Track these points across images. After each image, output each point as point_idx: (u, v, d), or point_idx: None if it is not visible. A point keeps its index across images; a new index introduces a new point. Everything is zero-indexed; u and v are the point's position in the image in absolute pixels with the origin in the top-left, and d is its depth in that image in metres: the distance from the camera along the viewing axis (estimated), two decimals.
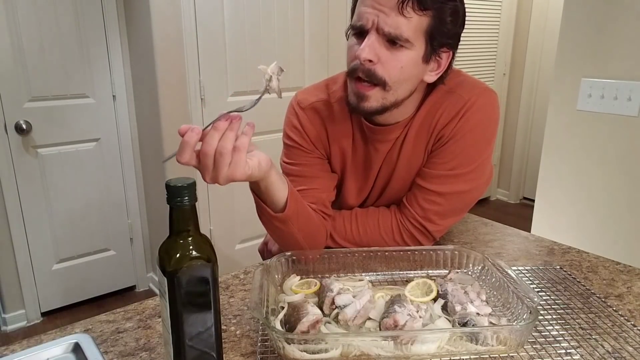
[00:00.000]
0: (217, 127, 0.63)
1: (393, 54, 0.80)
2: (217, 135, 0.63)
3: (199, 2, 2.20)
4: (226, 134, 0.63)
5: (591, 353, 0.68)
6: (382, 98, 0.84)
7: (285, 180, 0.81)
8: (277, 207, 0.82)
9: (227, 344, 0.70)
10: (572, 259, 0.98)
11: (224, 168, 0.64)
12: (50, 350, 0.67)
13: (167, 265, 0.54)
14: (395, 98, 0.85)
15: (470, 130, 0.90)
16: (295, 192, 0.85)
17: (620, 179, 1.62)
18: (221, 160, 0.63)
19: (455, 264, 0.87)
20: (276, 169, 0.78)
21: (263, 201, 0.81)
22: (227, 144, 0.63)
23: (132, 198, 2.55)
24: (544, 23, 3.69)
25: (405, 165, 0.96)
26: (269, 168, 0.74)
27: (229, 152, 0.63)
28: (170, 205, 0.54)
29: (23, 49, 2.09)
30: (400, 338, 0.64)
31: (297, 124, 0.98)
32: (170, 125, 2.26)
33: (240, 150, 0.64)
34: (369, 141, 0.97)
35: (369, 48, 0.79)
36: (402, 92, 0.85)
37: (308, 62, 2.57)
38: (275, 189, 0.79)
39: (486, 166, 0.94)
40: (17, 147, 2.17)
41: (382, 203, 1.03)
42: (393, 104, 0.86)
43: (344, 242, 0.96)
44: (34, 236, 2.29)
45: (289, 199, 0.81)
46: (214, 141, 0.63)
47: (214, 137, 0.63)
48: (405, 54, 0.81)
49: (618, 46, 1.56)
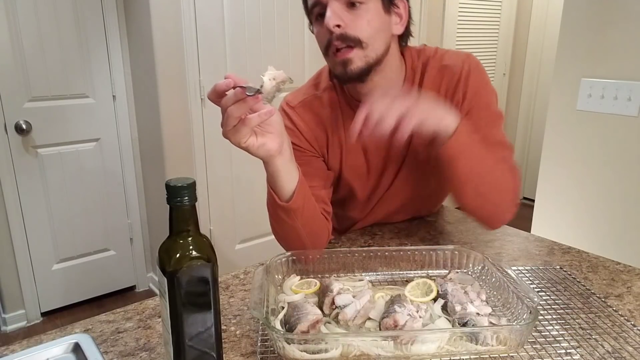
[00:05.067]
0: (237, 94, 0.68)
1: (356, 13, 0.86)
2: (234, 99, 0.68)
3: (199, 2, 2.20)
4: (239, 102, 0.68)
5: (591, 353, 0.68)
6: (364, 56, 0.88)
7: (297, 174, 0.84)
8: (284, 197, 0.84)
9: (227, 344, 0.70)
10: (572, 259, 0.98)
11: (228, 127, 0.71)
12: (50, 350, 0.67)
13: (167, 265, 0.54)
14: (376, 54, 0.89)
15: (476, 92, 0.96)
16: (306, 188, 0.87)
17: (620, 179, 1.62)
18: (228, 121, 0.70)
19: (455, 264, 0.87)
20: (288, 159, 0.81)
21: (272, 187, 0.84)
22: (235, 111, 0.68)
23: (132, 198, 2.55)
24: (544, 23, 3.69)
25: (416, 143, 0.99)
26: (276, 154, 0.78)
27: (235, 118, 0.69)
28: (170, 205, 0.54)
29: (23, 49, 2.09)
30: (400, 338, 0.64)
31: (289, 124, 1.00)
32: (170, 125, 2.26)
33: (245, 124, 0.70)
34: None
35: (334, 15, 0.85)
36: (379, 46, 0.90)
37: (308, 62, 2.57)
38: (282, 178, 0.82)
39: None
40: (17, 147, 2.17)
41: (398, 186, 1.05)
42: (376, 61, 0.90)
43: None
44: (34, 236, 2.29)
45: (297, 192, 0.84)
46: (229, 102, 0.68)
47: (231, 99, 0.68)
48: (365, 9, 0.86)
49: (618, 46, 1.56)
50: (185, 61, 2.23)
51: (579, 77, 1.67)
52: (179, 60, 2.22)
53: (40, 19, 2.11)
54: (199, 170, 2.39)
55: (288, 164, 0.81)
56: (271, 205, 0.88)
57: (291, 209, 0.85)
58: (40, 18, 2.11)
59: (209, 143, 2.39)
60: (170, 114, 2.25)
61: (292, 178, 0.83)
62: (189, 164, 2.36)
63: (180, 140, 2.31)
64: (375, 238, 1.08)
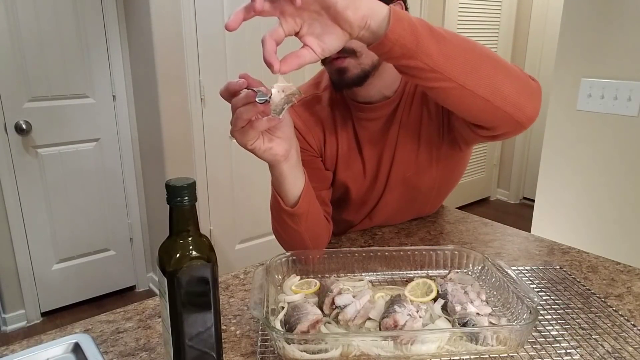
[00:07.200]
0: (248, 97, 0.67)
1: None
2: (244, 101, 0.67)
3: (199, 3, 2.20)
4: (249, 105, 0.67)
5: (591, 353, 0.68)
6: (359, 64, 0.88)
7: (303, 179, 0.84)
8: (289, 202, 0.84)
9: (227, 344, 0.70)
10: (572, 259, 0.98)
11: (236, 128, 0.70)
12: (50, 350, 0.67)
13: (167, 265, 0.54)
14: (371, 60, 0.89)
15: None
16: (311, 194, 0.87)
17: (620, 178, 1.62)
18: (236, 121, 0.69)
19: (455, 264, 0.87)
20: (295, 165, 0.80)
21: (277, 191, 0.84)
22: (244, 113, 0.67)
23: (132, 198, 2.55)
24: (544, 24, 3.69)
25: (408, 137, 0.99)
26: (282, 159, 0.77)
27: (244, 120, 0.68)
28: (170, 205, 0.54)
29: (23, 49, 2.09)
30: (400, 338, 0.64)
31: None
32: (170, 125, 2.26)
33: (253, 127, 0.69)
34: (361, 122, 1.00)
35: None
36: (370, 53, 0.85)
37: None
38: (288, 183, 0.81)
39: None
40: (17, 147, 2.17)
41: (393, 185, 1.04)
42: (372, 67, 0.89)
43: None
44: (34, 236, 2.29)
45: (302, 198, 0.84)
46: (240, 103, 0.67)
47: (241, 100, 0.67)
48: None
49: (618, 46, 1.56)
50: (185, 61, 2.23)
51: (579, 77, 1.67)
52: (179, 60, 2.22)
53: (40, 19, 2.11)
54: (199, 170, 2.40)
55: (294, 169, 0.81)
56: (275, 209, 0.87)
57: (296, 214, 0.85)
58: (40, 18, 2.11)
59: (209, 143, 2.39)
60: (170, 114, 2.25)
61: (298, 183, 0.83)
62: (189, 164, 2.36)
63: (180, 140, 2.31)
64: (375, 238, 1.08)
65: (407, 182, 1.04)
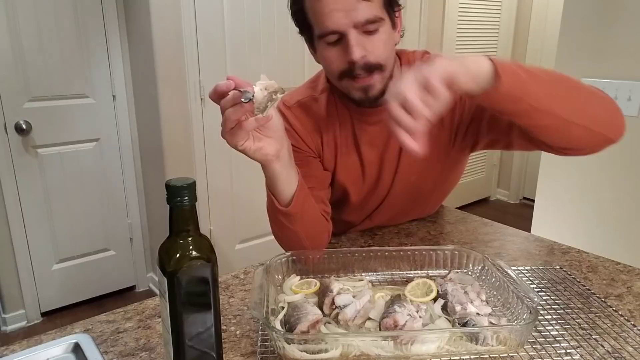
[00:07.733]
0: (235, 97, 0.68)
1: (374, 39, 0.85)
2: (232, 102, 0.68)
3: (199, 2, 2.20)
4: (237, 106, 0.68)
5: (591, 353, 0.68)
6: (382, 78, 0.89)
7: (297, 179, 0.84)
8: (283, 201, 0.85)
9: (227, 344, 0.70)
10: (572, 259, 0.98)
11: (225, 129, 0.71)
12: (50, 350, 0.67)
13: (167, 265, 0.54)
14: (390, 70, 0.91)
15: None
16: (305, 193, 0.87)
17: (620, 178, 1.62)
18: (226, 123, 0.70)
19: (455, 264, 0.87)
20: (287, 164, 0.81)
21: (271, 191, 0.85)
22: (232, 114, 0.68)
23: (132, 198, 2.55)
24: (544, 24, 3.69)
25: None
26: (273, 159, 0.78)
27: (232, 120, 0.69)
28: (170, 205, 0.54)
29: (23, 49, 2.09)
30: (400, 338, 0.64)
31: (286, 124, 0.99)
32: (170, 125, 2.26)
33: (242, 127, 0.70)
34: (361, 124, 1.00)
35: (357, 47, 0.83)
36: (392, 61, 0.91)
37: (308, 62, 2.57)
38: (280, 182, 0.82)
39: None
40: (17, 147, 2.17)
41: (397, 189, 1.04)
42: (390, 76, 0.91)
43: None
44: (34, 236, 2.29)
45: (296, 197, 0.84)
46: (227, 104, 0.68)
47: (229, 101, 0.68)
48: (381, 32, 0.86)
49: (618, 46, 1.56)
50: (185, 61, 2.23)
51: (579, 77, 1.66)
52: (179, 60, 2.21)
53: (40, 19, 2.11)
54: (199, 170, 2.39)
55: (286, 168, 0.81)
56: (271, 209, 0.88)
57: (290, 213, 0.85)
58: (40, 18, 2.11)
59: (209, 143, 2.39)
60: (170, 114, 2.25)
61: (291, 183, 0.84)
62: (189, 164, 2.36)
63: (180, 140, 2.31)
64: (375, 238, 1.08)
65: (411, 185, 1.04)
